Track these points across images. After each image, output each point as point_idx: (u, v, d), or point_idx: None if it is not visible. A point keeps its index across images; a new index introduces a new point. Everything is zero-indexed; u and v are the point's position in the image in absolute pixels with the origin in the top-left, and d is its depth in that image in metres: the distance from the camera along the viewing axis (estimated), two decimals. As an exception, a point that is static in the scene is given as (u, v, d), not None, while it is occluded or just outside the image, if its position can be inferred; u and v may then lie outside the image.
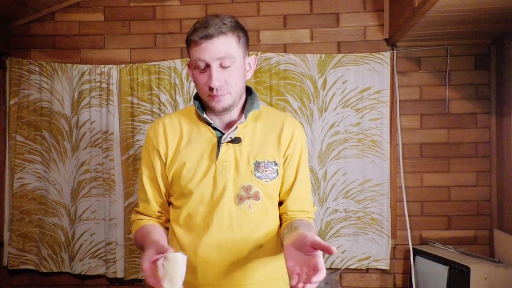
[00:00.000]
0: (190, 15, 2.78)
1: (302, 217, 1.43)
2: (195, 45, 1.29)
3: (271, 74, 2.70)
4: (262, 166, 1.37)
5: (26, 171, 2.80)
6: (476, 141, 2.70)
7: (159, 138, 1.42)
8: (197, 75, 1.32)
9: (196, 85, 1.36)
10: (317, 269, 1.05)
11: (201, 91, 1.34)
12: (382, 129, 2.69)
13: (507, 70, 2.51)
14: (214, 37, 1.27)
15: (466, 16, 2.13)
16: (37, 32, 2.85)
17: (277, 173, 1.39)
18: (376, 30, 2.73)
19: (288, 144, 1.41)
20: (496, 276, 2.27)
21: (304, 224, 1.34)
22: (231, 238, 1.35)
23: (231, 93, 1.33)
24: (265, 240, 1.40)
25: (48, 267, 2.79)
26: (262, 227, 1.39)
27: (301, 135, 1.45)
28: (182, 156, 1.39)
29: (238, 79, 1.33)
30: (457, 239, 2.72)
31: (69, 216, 2.79)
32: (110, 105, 2.75)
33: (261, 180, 1.37)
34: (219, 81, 1.29)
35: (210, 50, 1.27)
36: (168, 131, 1.42)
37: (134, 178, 2.74)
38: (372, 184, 2.70)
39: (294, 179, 1.43)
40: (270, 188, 1.39)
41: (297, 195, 1.44)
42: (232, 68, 1.31)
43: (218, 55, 1.27)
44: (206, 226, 1.35)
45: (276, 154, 1.40)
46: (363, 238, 2.70)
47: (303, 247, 1.12)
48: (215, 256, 1.35)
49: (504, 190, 2.55)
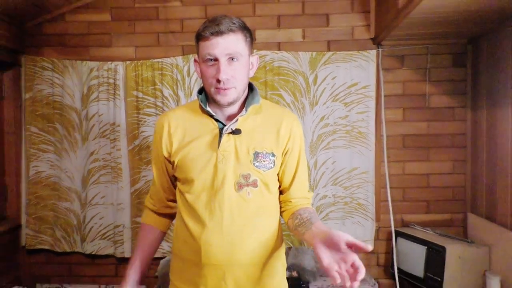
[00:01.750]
0: (191, 15, 2.87)
1: (305, 205, 1.49)
2: (206, 40, 1.32)
3: (266, 71, 2.80)
4: (260, 157, 1.41)
5: (41, 159, 2.90)
6: (454, 132, 2.81)
7: (164, 133, 1.47)
8: (206, 69, 1.36)
9: (204, 78, 1.39)
10: (357, 266, 1.09)
11: (208, 84, 1.37)
12: (368, 122, 2.79)
13: (482, 68, 2.62)
14: (224, 34, 1.31)
15: (445, 18, 2.23)
16: (49, 31, 2.92)
17: (273, 164, 1.43)
18: (363, 30, 2.82)
19: (288, 138, 1.46)
20: (469, 255, 2.39)
21: (312, 214, 1.42)
22: (232, 222, 1.38)
23: (236, 87, 1.37)
24: (263, 224, 1.44)
25: (62, 247, 2.91)
26: (260, 212, 1.42)
27: (299, 129, 1.50)
28: (187, 146, 1.43)
29: (243, 75, 1.38)
30: (434, 222, 2.83)
31: (80, 201, 2.90)
32: (117, 99, 2.84)
33: (259, 169, 1.41)
34: (226, 75, 1.32)
35: (220, 45, 1.31)
36: (173, 125, 1.46)
37: (139, 166, 2.84)
38: (358, 172, 2.81)
39: (295, 170, 1.49)
40: (267, 177, 1.42)
41: (299, 184, 1.49)
42: (238, 64, 1.35)
43: (227, 50, 1.32)
44: (209, 211, 1.39)
45: (274, 146, 1.43)
46: (350, 222, 2.82)
47: (335, 245, 1.14)
48: (217, 238, 1.38)
49: (477, 177, 2.68)
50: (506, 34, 2.34)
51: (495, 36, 2.47)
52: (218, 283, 1.41)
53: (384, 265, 2.89)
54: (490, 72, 2.53)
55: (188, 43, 2.88)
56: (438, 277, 2.38)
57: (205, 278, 1.41)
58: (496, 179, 2.45)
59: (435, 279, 2.41)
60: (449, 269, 2.36)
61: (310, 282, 2.58)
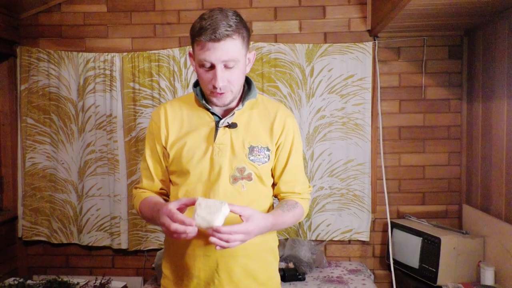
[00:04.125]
0: (188, 7, 2.86)
1: (292, 198, 1.50)
2: (202, 46, 1.30)
3: (263, 63, 2.80)
4: (256, 151, 1.42)
5: (37, 151, 2.90)
6: (449, 124, 2.82)
7: (161, 122, 1.47)
8: (202, 72, 1.34)
9: (200, 80, 1.38)
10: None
11: (205, 87, 1.38)
12: (364, 114, 2.80)
13: (477, 60, 2.63)
14: (221, 41, 1.27)
15: (441, 10, 2.23)
16: (45, 22, 2.91)
17: (268, 158, 1.44)
18: (360, 22, 2.82)
19: (280, 133, 1.46)
20: (463, 245, 2.40)
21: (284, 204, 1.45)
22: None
23: (233, 90, 1.37)
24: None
25: (59, 238, 2.92)
26: (254, 205, 1.41)
27: (293, 124, 1.50)
28: (183, 138, 1.43)
29: (240, 78, 1.38)
30: (430, 213, 2.85)
31: (76, 193, 2.91)
32: (114, 90, 2.83)
33: (254, 163, 1.42)
34: (223, 82, 1.32)
35: (216, 52, 1.28)
36: (170, 116, 1.47)
37: (136, 158, 2.84)
38: (354, 164, 2.82)
39: (285, 164, 1.49)
40: (262, 170, 1.43)
41: (287, 178, 1.50)
42: (235, 69, 1.33)
43: (223, 57, 1.29)
44: None
45: (269, 141, 1.45)
46: (346, 213, 2.83)
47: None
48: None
49: (472, 169, 2.70)
50: (502, 26, 2.35)
51: (491, 29, 2.48)
52: (211, 274, 1.41)
53: (379, 256, 2.91)
54: (486, 64, 2.53)
55: (185, 35, 2.87)
56: (433, 268, 2.40)
57: (198, 270, 1.42)
58: (491, 171, 2.46)
59: (430, 269, 2.42)
60: (444, 260, 2.37)
61: (306, 273, 2.59)
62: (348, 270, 2.72)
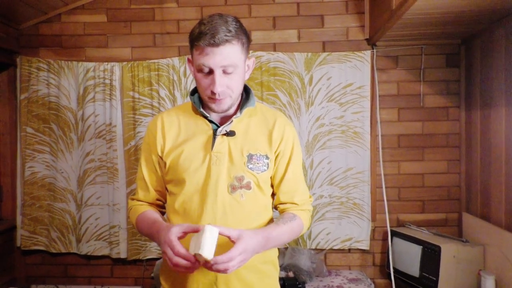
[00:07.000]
0: (187, 17, 2.88)
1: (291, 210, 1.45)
2: (201, 51, 1.28)
3: (262, 71, 2.81)
4: (254, 159, 1.39)
5: (36, 160, 2.90)
6: (448, 132, 2.82)
7: (157, 132, 1.44)
8: (200, 77, 1.32)
9: (198, 85, 1.36)
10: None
11: (203, 93, 1.35)
12: (363, 122, 2.81)
13: (475, 68, 2.64)
14: (220, 46, 1.26)
15: (438, 19, 2.24)
16: (45, 32, 2.93)
17: (267, 166, 1.41)
18: (358, 30, 2.84)
19: (280, 141, 1.43)
20: (464, 254, 2.39)
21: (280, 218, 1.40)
22: (224, 224, 1.33)
23: (231, 96, 1.35)
24: (256, 227, 1.39)
25: (57, 248, 2.90)
26: (253, 214, 1.40)
27: (292, 133, 1.47)
28: (180, 146, 1.40)
29: (238, 83, 1.35)
30: (430, 221, 2.84)
31: (75, 202, 2.90)
32: (113, 99, 2.84)
33: (253, 172, 1.38)
34: (221, 87, 1.29)
35: (215, 57, 1.26)
36: (166, 125, 1.44)
37: (135, 167, 2.83)
38: (354, 172, 2.82)
39: (284, 174, 1.45)
40: (261, 179, 1.40)
41: (286, 188, 1.46)
42: (234, 75, 1.31)
43: (222, 62, 1.27)
44: (200, 213, 1.35)
45: (268, 149, 1.41)
46: (346, 221, 2.82)
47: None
48: None
49: (471, 177, 2.69)
50: (499, 34, 2.37)
51: (488, 37, 2.49)
52: (209, 286, 1.38)
53: (380, 265, 2.90)
54: (484, 72, 2.54)
55: (184, 44, 2.89)
56: (434, 277, 2.39)
57: (196, 283, 1.38)
58: (490, 179, 2.46)
59: (430, 278, 2.41)
60: (444, 268, 2.36)
61: (306, 282, 2.58)
62: (349, 279, 2.70)
